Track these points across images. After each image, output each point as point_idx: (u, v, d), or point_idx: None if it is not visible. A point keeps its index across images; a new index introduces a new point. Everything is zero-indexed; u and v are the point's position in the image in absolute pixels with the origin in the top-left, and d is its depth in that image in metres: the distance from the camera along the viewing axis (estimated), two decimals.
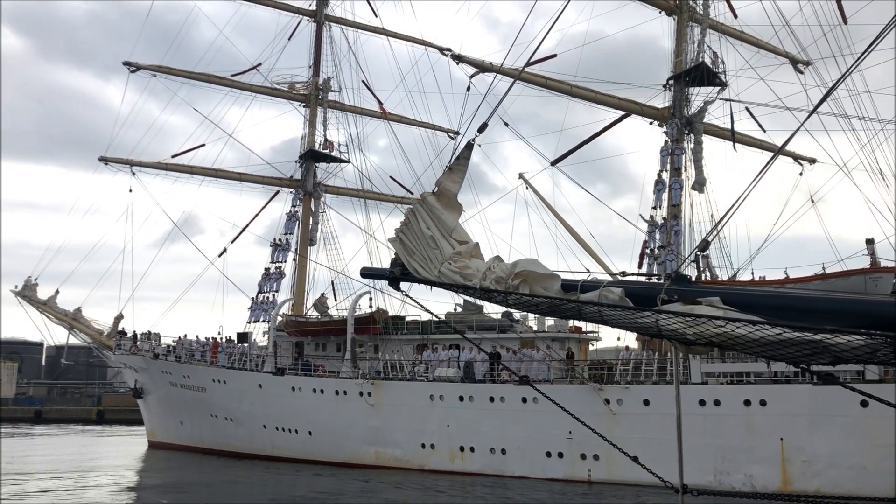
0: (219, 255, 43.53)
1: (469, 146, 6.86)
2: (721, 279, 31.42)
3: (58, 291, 47.18)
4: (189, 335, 42.44)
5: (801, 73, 37.30)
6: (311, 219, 43.66)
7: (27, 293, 46.85)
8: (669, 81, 32.99)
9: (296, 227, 43.25)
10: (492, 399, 30.24)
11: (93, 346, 47.74)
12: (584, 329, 34.72)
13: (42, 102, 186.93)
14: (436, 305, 73.58)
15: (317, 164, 44.22)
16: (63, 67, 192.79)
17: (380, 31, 45.36)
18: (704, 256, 30.58)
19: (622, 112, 33.25)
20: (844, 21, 32.44)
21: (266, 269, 42.61)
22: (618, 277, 6.55)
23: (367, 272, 7.82)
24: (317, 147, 43.46)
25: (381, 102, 44.96)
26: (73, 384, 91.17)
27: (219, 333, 42.25)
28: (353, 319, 35.98)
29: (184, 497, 26.09)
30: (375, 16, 45.72)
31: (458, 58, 30.78)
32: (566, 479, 28.22)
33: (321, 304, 42.11)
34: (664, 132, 32.74)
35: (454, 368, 31.95)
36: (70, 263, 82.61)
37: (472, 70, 30.14)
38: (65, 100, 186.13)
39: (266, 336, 40.07)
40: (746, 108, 35.10)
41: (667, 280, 5.55)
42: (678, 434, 6.84)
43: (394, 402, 32.49)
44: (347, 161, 43.98)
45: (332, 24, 45.18)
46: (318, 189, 43.96)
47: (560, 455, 28.61)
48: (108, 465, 34.28)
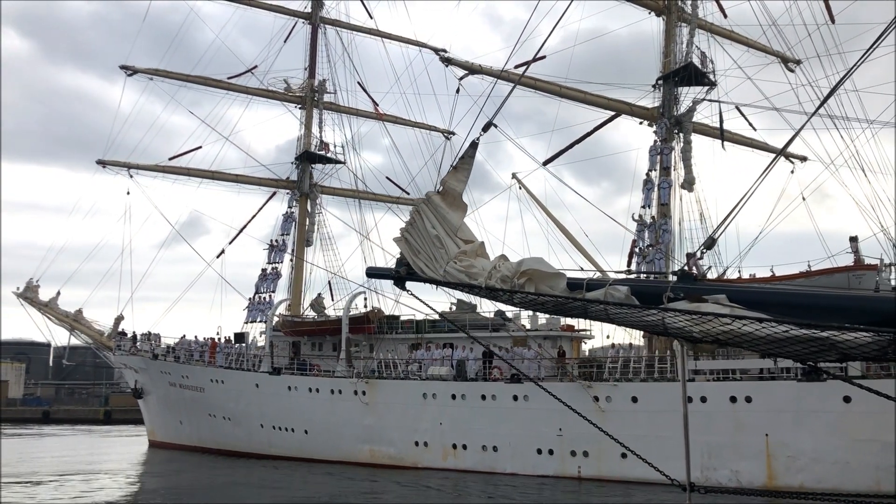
0: (217, 256, 43.98)
1: (474, 145, 6.85)
2: (710, 278, 31.68)
3: (59, 293, 47.72)
4: (190, 335, 43.01)
5: (792, 72, 37.51)
6: (308, 220, 44.06)
7: (29, 295, 47.33)
8: (659, 81, 33.29)
9: (292, 228, 43.66)
10: (483, 397, 30.61)
11: (93, 347, 48.21)
12: (577, 327, 35.08)
13: (45, 104, 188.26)
14: (434, 304, 73.81)
15: (313, 166, 44.61)
16: (66, 69, 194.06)
17: (374, 33, 45.77)
18: (691, 255, 30.87)
19: (612, 112, 33.54)
20: (832, 20, 32.70)
21: (263, 270, 43.02)
22: (623, 275, 6.64)
23: (373, 272, 7.75)
24: (313, 148, 43.84)
25: (377, 103, 45.36)
26: (81, 384, 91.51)
27: (217, 334, 42.75)
28: (348, 319, 36.35)
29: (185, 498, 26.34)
30: (370, 17, 46.16)
31: (448, 60, 31.13)
32: (556, 476, 28.59)
33: (318, 304, 42.51)
34: (654, 132, 33.06)
35: (447, 367, 32.31)
36: (72, 264, 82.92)
37: (462, 72, 30.52)
38: (68, 101, 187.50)
39: (263, 336, 40.49)
40: (737, 107, 35.37)
41: (673, 278, 5.50)
42: (685, 432, 6.86)
43: (388, 401, 32.88)
44: (343, 162, 44.42)
45: (328, 27, 45.59)
46: (315, 190, 44.36)
47: (550, 452, 28.97)
48: (107, 466, 34.67)
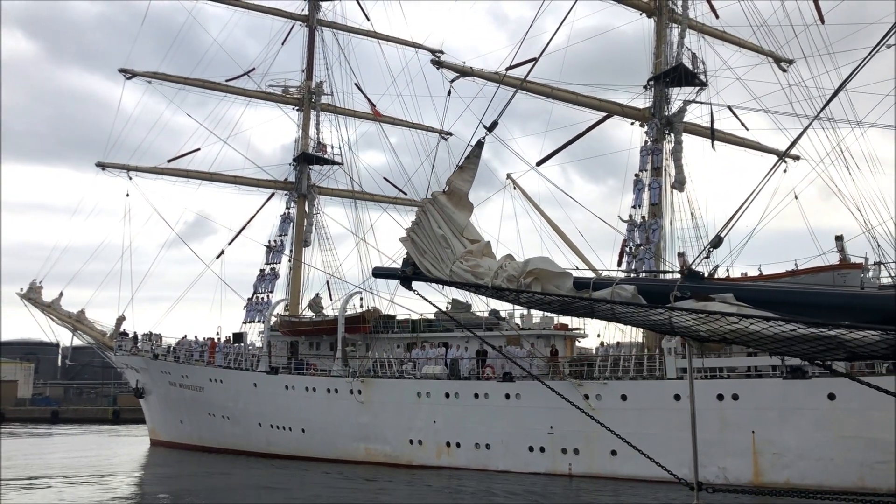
0: (216, 257, 44.43)
1: (479, 145, 6.85)
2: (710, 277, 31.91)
3: (62, 294, 48.28)
4: (192, 335, 43.51)
5: (785, 72, 37.73)
6: (306, 220, 44.48)
7: (32, 296, 47.88)
8: (650, 82, 33.58)
9: (290, 229, 44.08)
10: (476, 396, 30.98)
11: (95, 348, 48.74)
12: (570, 326, 35.42)
13: (52, 105, 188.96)
14: (424, 305, 74.24)
15: (310, 167, 45.01)
16: (73, 70, 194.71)
17: (371, 35, 46.11)
18: (681, 254, 31.21)
19: (604, 113, 33.84)
20: (822, 21, 32.94)
21: (261, 271, 43.45)
22: (630, 274, 6.71)
23: (379, 272, 7.71)
24: (310, 150, 44.24)
25: (374, 105, 45.68)
26: (89, 384, 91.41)
27: (217, 334, 43.23)
28: (344, 319, 36.75)
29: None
30: (367, 19, 46.50)
31: (439, 63, 31.48)
32: (548, 473, 28.95)
33: (316, 304, 42.92)
34: (645, 132, 33.37)
35: (441, 366, 32.68)
36: (75, 265, 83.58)
37: (453, 74, 30.86)
38: (75, 102, 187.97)
39: (261, 336, 40.93)
40: (729, 108, 35.63)
41: (679, 276, 5.50)
42: (692, 430, 6.92)
43: (383, 400, 33.28)
44: (340, 163, 44.81)
45: (325, 29, 45.95)
46: (312, 191, 44.79)
47: (542, 450, 29.33)
48: (107, 465, 35.13)
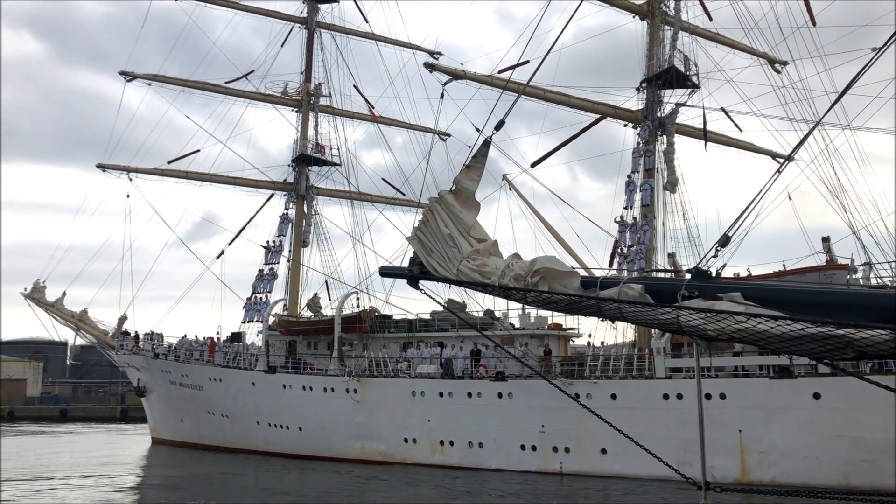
0: (216, 258, 44.92)
1: (486, 144, 6.86)
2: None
3: (65, 294, 48.86)
4: (195, 334, 44.06)
5: (779, 73, 37.97)
6: (304, 221, 44.91)
7: (36, 295, 48.47)
8: (642, 84, 33.86)
9: (288, 229, 44.50)
10: (469, 395, 31.34)
11: (97, 347, 49.28)
12: (564, 326, 35.74)
13: (60, 105, 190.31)
14: (420, 304, 74.74)
15: (309, 168, 45.43)
16: (80, 70, 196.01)
17: (369, 36, 46.48)
18: (670, 255, 31.51)
19: (597, 115, 34.13)
20: (813, 23, 33.19)
21: (260, 271, 43.89)
22: (637, 273, 6.81)
23: (387, 271, 7.62)
24: (308, 151, 44.65)
25: (372, 106, 46.08)
26: (97, 383, 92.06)
27: (217, 333, 43.71)
28: (341, 319, 37.14)
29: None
30: (366, 21, 46.87)
31: (432, 66, 31.81)
32: (539, 472, 29.28)
33: (314, 304, 43.33)
34: (637, 134, 33.66)
35: (435, 365, 33.04)
36: (79, 264, 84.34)
37: (446, 78, 31.19)
38: (82, 102, 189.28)
39: (259, 336, 41.38)
40: (722, 109, 35.88)
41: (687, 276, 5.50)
42: (700, 430, 6.91)
43: (378, 399, 33.65)
44: (339, 164, 45.20)
45: (323, 31, 46.35)
46: (311, 192, 45.21)
47: (533, 448, 29.67)
48: (106, 464, 35.55)
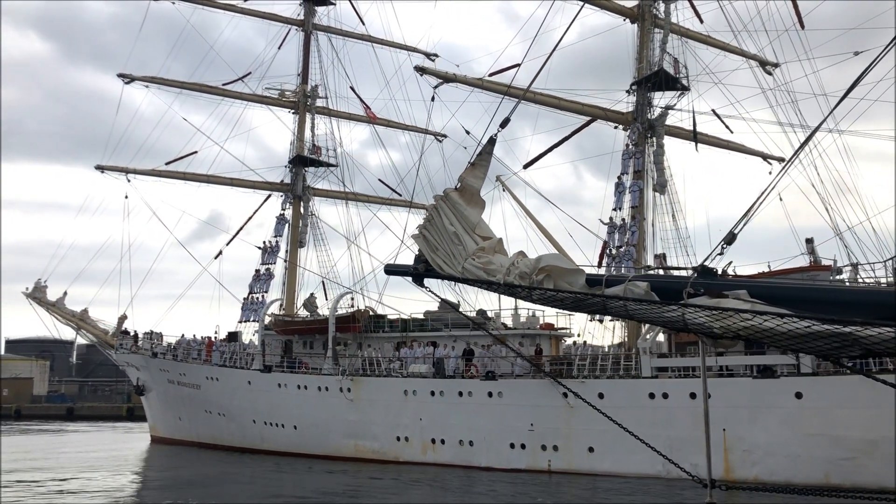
0: (215, 258, 45.46)
1: (491, 141, 6.86)
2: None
3: (66, 293, 49.36)
4: (194, 333, 44.57)
5: (770, 75, 38.27)
6: (301, 221, 45.38)
7: (37, 295, 48.99)
8: (632, 87, 34.20)
9: (285, 230, 44.97)
10: (460, 394, 31.74)
11: (98, 346, 49.83)
12: (556, 326, 36.14)
13: (66, 104, 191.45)
14: (415, 304, 75.28)
15: (306, 169, 45.89)
16: (86, 70, 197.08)
17: (366, 38, 46.92)
18: (657, 256, 31.85)
19: (588, 117, 34.49)
20: (802, 26, 33.49)
21: (256, 271, 44.39)
22: (643, 271, 6.91)
23: (392, 269, 7.48)
24: (305, 152, 45.10)
25: (369, 107, 46.48)
26: (104, 381, 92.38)
27: (215, 333, 44.20)
28: (336, 318, 37.57)
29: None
30: (362, 23, 47.33)
31: (422, 69, 32.20)
32: (528, 470, 29.66)
33: (310, 304, 43.76)
34: (627, 136, 34.00)
35: (427, 365, 33.45)
36: (81, 263, 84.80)
37: (436, 81, 31.57)
38: (89, 102, 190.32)
39: (256, 335, 41.82)
40: (713, 111, 36.23)
41: (693, 273, 5.51)
42: (706, 428, 7.02)
43: (371, 398, 34.07)
44: (336, 165, 45.67)
45: (320, 33, 46.80)
46: (307, 193, 45.67)
47: (523, 446, 30.06)
48: (103, 463, 36.04)
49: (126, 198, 44.04)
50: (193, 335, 44.13)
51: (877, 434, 23.55)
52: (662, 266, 30.25)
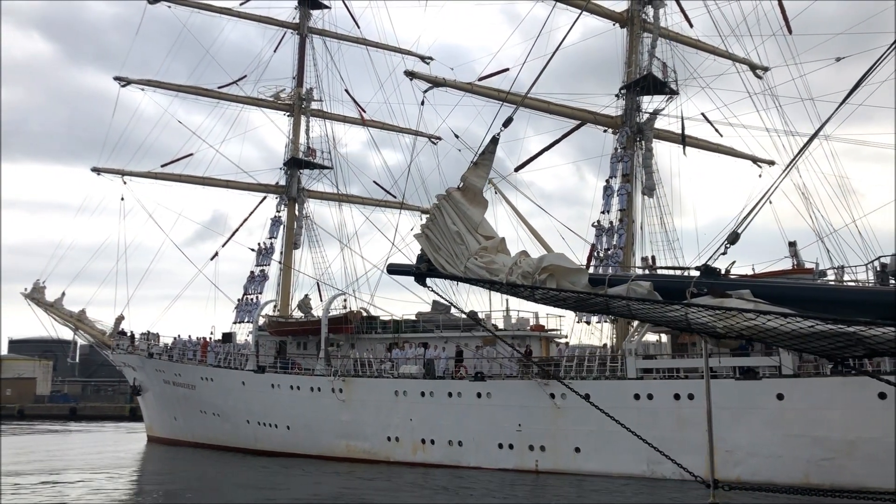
0: (210, 259, 45.86)
1: (494, 141, 6.85)
2: None
3: (64, 294, 49.77)
4: (190, 334, 44.99)
5: (761, 79, 38.58)
6: (296, 223, 45.76)
7: (36, 295, 49.41)
8: (621, 91, 34.53)
9: (279, 231, 45.37)
10: (450, 394, 32.09)
11: (95, 346, 50.24)
12: (547, 327, 36.46)
13: (70, 105, 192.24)
14: (407, 305, 75.65)
15: (301, 171, 46.27)
16: (89, 70, 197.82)
17: (360, 41, 47.30)
18: (644, 259, 32.17)
19: (577, 121, 34.81)
20: (789, 31, 33.83)
21: (251, 272, 44.79)
22: (646, 271, 6.97)
23: (394, 268, 7.38)
24: (300, 155, 45.49)
25: (364, 110, 46.89)
26: (107, 381, 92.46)
27: (211, 333, 44.61)
28: (328, 320, 37.93)
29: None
30: (357, 26, 47.70)
31: (412, 74, 32.55)
32: (516, 470, 29.99)
33: (305, 305, 44.14)
34: (616, 139, 34.32)
35: (418, 366, 33.79)
36: (80, 263, 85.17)
37: (426, 85, 31.92)
38: (92, 102, 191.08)
39: (250, 336, 42.23)
40: (703, 115, 36.52)
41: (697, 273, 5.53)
42: (709, 428, 7.08)
43: (363, 398, 34.42)
44: (330, 167, 46.04)
45: (315, 36, 47.20)
46: (302, 194, 46.05)
47: (511, 447, 30.39)
48: (100, 462, 36.41)
49: (122, 199, 44.52)
50: (189, 336, 44.62)
51: (855, 434, 23.89)
52: (649, 266, 30.54)
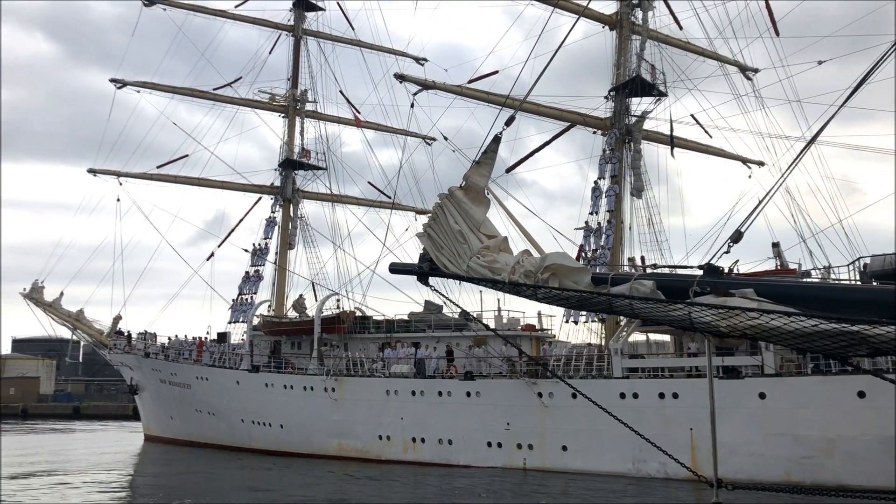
0: (206, 259, 46.23)
1: (496, 139, 6.82)
2: None
3: (62, 294, 50.21)
4: (186, 334, 45.45)
5: (750, 80, 38.89)
6: (290, 224, 46.14)
7: (34, 295, 49.85)
8: (610, 93, 34.85)
9: (274, 232, 45.73)
10: (440, 393, 32.46)
11: (93, 345, 50.68)
12: (537, 327, 36.81)
13: (72, 105, 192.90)
14: (400, 305, 76.07)
15: (295, 172, 46.63)
16: (92, 70, 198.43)
17: (355, 43, 47.65)
18: (630, 259, 32.50)
19: (567, 123, 35.12)
20: (777, 33, 34.14)
21: (246, 273, 45.18)
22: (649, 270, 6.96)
23: (396, 268, 7.30)
24: (294, 156, 45.86)
25: (358, 111, 47.19)
26: (110, 381, 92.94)
27: (207, 333, 45.02)
28: (321, 319, 38.31)
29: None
30: (352, 28, 48.06)
31: (402, 77, 32.88)
32: (504, 468, 30.35)
33: (299, 305, 44.50)
34: (605, 141, 34.65)
35: (409, 365, 34.17)
36: (78, 263, 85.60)
37: (416, 88, 32.25)
38: (94, 102, 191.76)
39: (245, 336, 42.63)
40: (692, 116, 36.83)
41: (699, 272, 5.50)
42: (712, 428, 6.90)
43: (355, 397, 34.80)
44: (324, 168, 46.40)
45: (310, 38, 47.55)
46: (297, 195, 46.42)
47: (499, 445, 30.76)
48: (97, 461, 36.81)
49: (118, 200, 44.87)
50: (185, 335, 45.05)
51: (835, 433, 24.23)
52: (637, 266, 30.85)
